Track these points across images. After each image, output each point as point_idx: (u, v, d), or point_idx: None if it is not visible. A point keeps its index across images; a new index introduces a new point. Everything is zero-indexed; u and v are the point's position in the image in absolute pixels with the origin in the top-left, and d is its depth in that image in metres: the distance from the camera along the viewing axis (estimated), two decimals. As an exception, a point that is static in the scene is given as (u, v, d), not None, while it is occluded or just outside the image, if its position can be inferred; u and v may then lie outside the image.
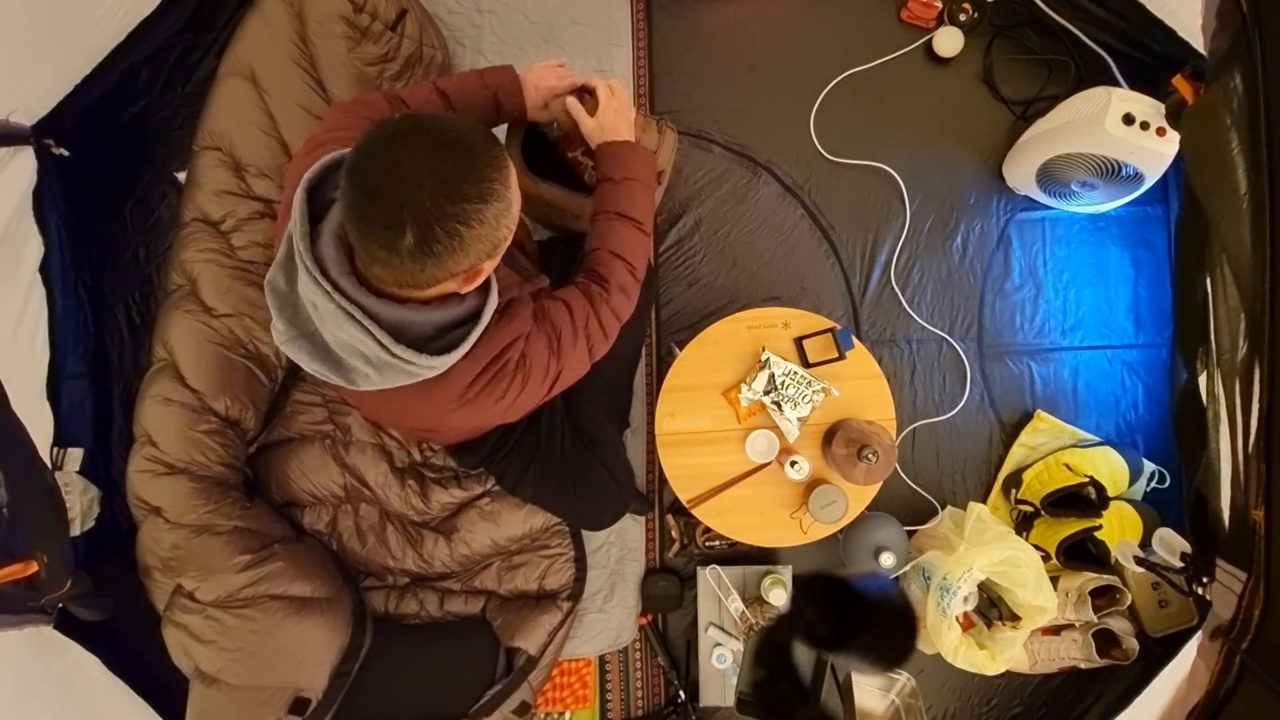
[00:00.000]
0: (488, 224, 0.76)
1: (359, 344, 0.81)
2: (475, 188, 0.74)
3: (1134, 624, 1.67)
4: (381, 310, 0.81)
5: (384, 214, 0.72)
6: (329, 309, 0.80)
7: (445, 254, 0.75)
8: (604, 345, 1.11)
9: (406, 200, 0.72)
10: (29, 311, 1.59)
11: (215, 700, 1.38)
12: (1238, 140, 0.89)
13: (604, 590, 1.74)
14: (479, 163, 0.75)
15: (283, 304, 0.86)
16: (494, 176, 0.76)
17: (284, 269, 0.86)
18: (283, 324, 0.86)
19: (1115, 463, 1.73)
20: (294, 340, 0.86)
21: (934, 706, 1.77)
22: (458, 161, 0.74)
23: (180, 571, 1.42)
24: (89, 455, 1.65)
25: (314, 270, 0.80)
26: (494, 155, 0.77)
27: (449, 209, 0.73)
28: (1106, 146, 1.55)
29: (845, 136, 1.88)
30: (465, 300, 0.90)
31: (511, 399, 0.99)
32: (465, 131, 0.76)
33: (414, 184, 0.71)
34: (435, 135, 0.74)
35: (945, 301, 1.87)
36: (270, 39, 1.59)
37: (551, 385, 1.05)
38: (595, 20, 1.85)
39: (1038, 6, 1.84)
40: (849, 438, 1.34)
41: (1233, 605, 0.94)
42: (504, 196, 0.78)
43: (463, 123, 0.77)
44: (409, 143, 0.73)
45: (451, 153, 0.73)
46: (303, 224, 0.82)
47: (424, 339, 0.86)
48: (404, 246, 0.73)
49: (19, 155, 1.56)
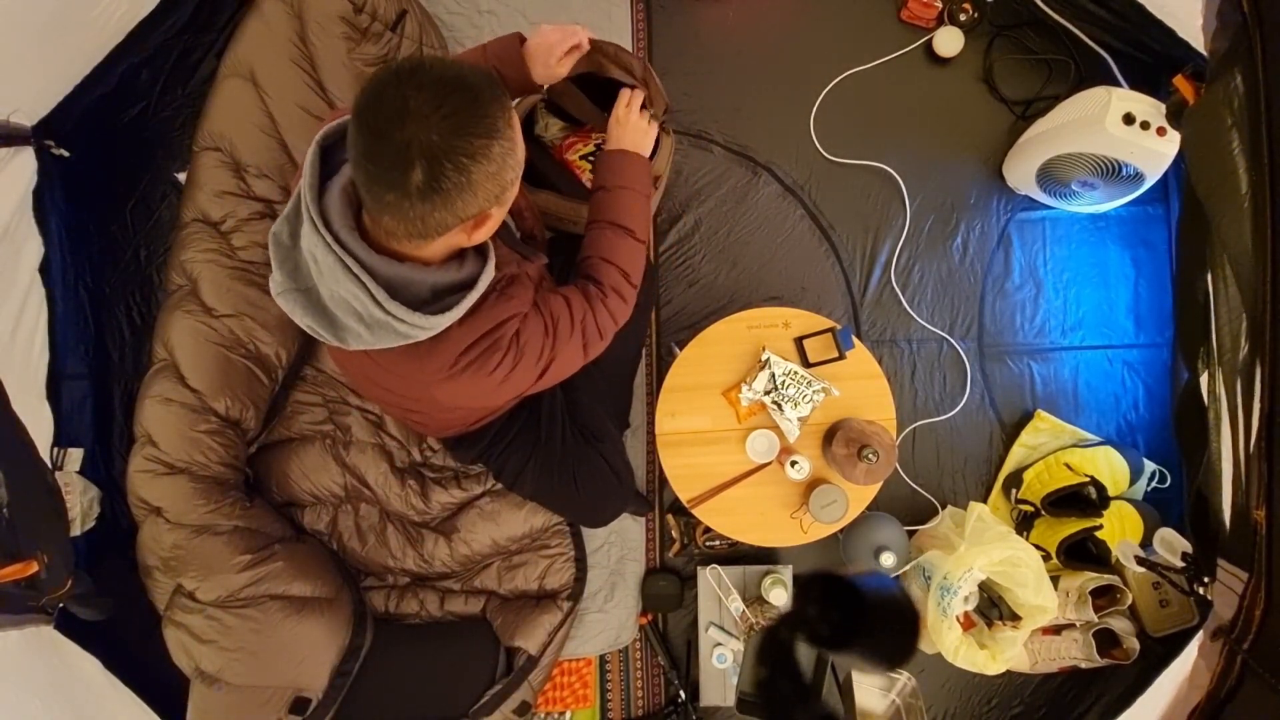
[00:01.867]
0: (494, 161, 0.77)
1: (354, 299, 0.82)
2: (481, 124, 0.75)
3: (1135, 624, 1.67)
4: (380, 266, 0.82)
5: (392, 152, 0.73)
6: (328, 261, 0.81)
7: (454, 192, 0.76)
8: (598, 346, 1.11)
9: (414, 137, 0.72)
10: (29, 312, 1.59)
11: (215, 700, 1.38)
12: (1238, 140, 0.88)
13: (604, 590, 1.74)
14: (483, 99, 0.75)
15: (284, 257, 0.87)
16: (498, 114, 0.77)
17: (289, 222, 0.86)
18: (281, 275, 0.86)
19: (1116, 462, 1.73)
20: (289, 293, 0.86)
21: (934, 706, 1.77)
22: (463, 98, 0.74)
23: (181, 571, 1.42)
24: (89, 455, 1.66)
25: (317, 221, 0.81)
26: (496, 94, 0.77)
27: (457, 143, 0.74)
28: (1107, 146, 1.55)
29: (845, 136, 1.88)
30: (465, 265, 0.90)
31: (501, 376, 0.98)
32: (467, 71, 0.77)
33: (421, 120, 0.72)
34: (439, 73, 0.74)
35: (945, 301, 1.87)
36: (270, 40, 1.59)
37: (542, 372, 1.04)
38: (595, 20, 1.85)
39: (1038, 6, 1.84)
40: (849, 437, 1.34)
41: (1234, 605, 0.93)
42: (508, 135, 0.78)
43: (464, 64, 0.78)
44: (413, 82, 0.73)
45: (456, 90, 0.74)
46: (312, 176, 0.83)
47: (420, 300, 0.86)
48: (413, 185, 0.74)
49: (19, 156, 1.56)
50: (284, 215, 0.87)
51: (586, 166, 1.48)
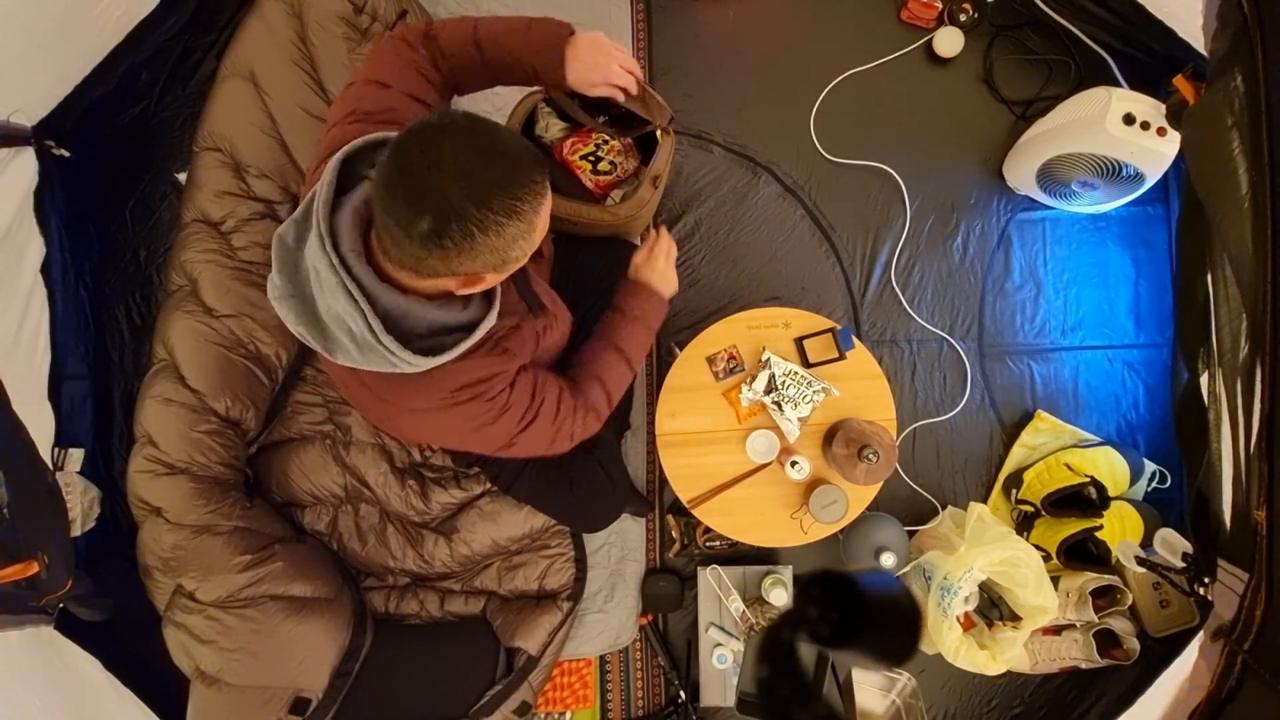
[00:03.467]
0: (504, 238, 0.76)
1: (349, 319, 0.81)
2: (504, 202, 0.74)
3: (1135, 624, 1.67)
4: (381, 294, 0.81)
5: (409, 193, 0.73)
6: (330, 280, 0.80)
7: (454, 251, 0.75)
8: (563, 445, 1.11)
9: (435, 188, 0.72)
10: (30, 312, 1.59)
11: (215, 700, 1.38)
12: (1239, 140, 0.88)
13: (604, 590, 1.74)
14: (517, 182, 0.75)
15: (285, 260, 0.86)
16: (527, 198, 0.76)
17: (296, 226, 0.86)
18: (281, 280, 0.85)
19: (1116, 463, 1.73)
20: (286, 299, 0.85)
21: (934, 706, 1.76)
22: (498, 172, 0.74)
23: (181, 572, 1.42)
24: (89, 456, 1.65)
25: (325, 238, 0.80)
26: (535, 180, 0.77)
27: (472, 211, 0.73)
28: (1107, 146, 1.55)
29: (845, 137, 1.88)
30: (468, 307, 0.89)
31: (482, 424, 0.98)
32: (518, 151, 0.76)
33: (447, 176, 0.72)
34: (488, 141, 0.74)
35: (946, 301, 1.87)
36: (270, 40, 1.59)
37: (510, 441, 1.03)
38: (595, 21, 1.85)
39: (1038, 6, 1.84)
40: (849, 438, 1.34)
41: (1234, 605, 0.93)
42: (529, 220, 0.78)
43: (520, 142, 0.78)
44: (459, 139, 0.73)
45: (495, 162, 0.74)
46: (328, 190, 0.82)
47: (414, 334, 0.86)
48: (417, 230, 0.74)
49: (20, 156, 1.56)
50: (292, 218, 0.86)
51: (587, 167, 1.48)
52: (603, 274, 1.39)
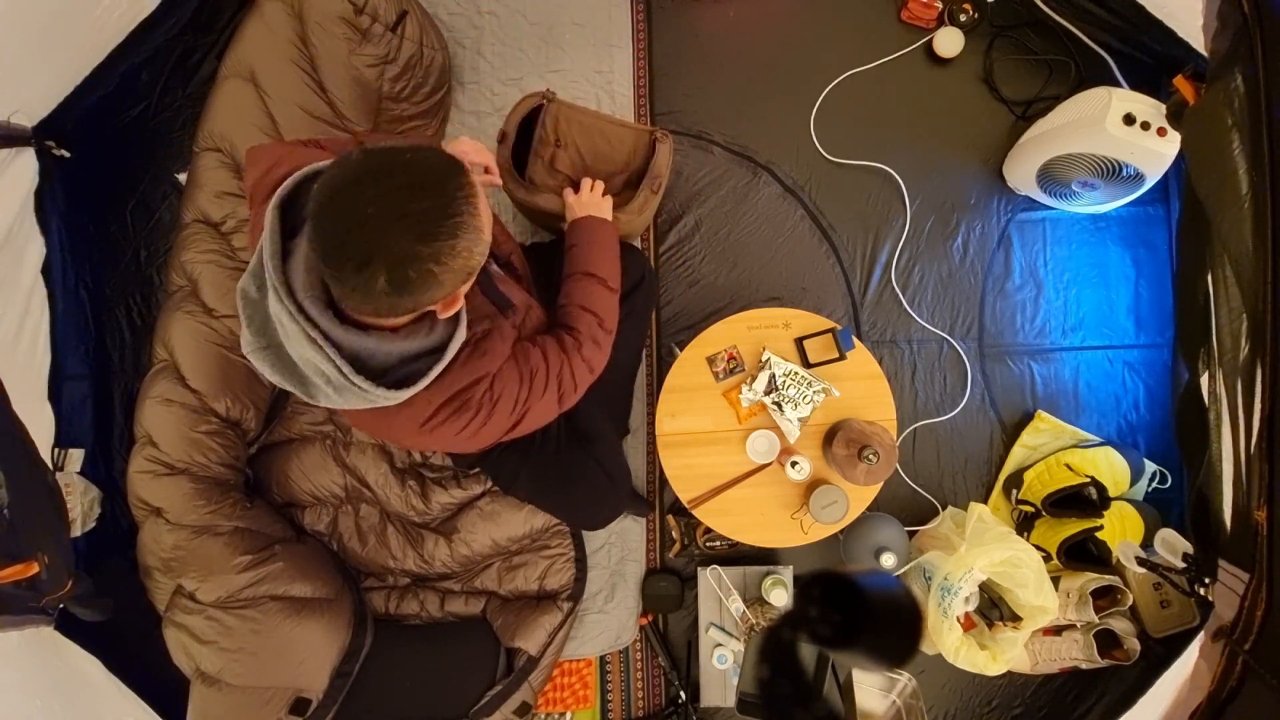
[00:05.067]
0: (460, 256, 0.75)
1: (320, 364, 0.81)
2: (445, 224, 0.72)
3: (1135, 624, 1.67)
4: (344, 339, 0.80)
5: (354, 258, 0.71)
6: (293, 329, 0.79)
7: (421, 289, 0.75)
8: (573, 397, 1.11)
9: (377, 247, 0.70)
10: (31, 313, 1.59)
11: (216, 701, 1.38)
12: (1239, 140, 0.88)
13: (604, 591, 1.74)
14: (448, 198, 0.73)
15: (253, 313, 0.85)
16: (464, 209, 0.74)
17: (255, 278, 0.85)
18: (250, 334, 0.85)
19: (1116, 463, 1.73)
20: (260, 351, 0.85)
21: (935, 707, 1.76)
22: (428, 200, 0.72)
23: (181, 572, 1.42)
24: (90, 456, 1.65)
25: (281, 291, 0.79)
26: (461, 186, 0.74)
27: (422, 250, 0.72)
28: (1107, 147, 1.55)
29: (846, 137, 1.88)
30: (434, 330, 0.88)
31: (473, 431, 0.98)
32: (432, 166, 0.74)
33: (383, 230, 0.70)
34: (399, 174, 0.71)
35: (946, 302, 1.87)
36: (270, 40, 1.59)
37: (515, 424, 1.04)
38: (595, 21, 1.85)
39: (1038, 7, 1.84)
40: (850, 438, 1.34)
41: (1235, 606, 0.93)
42: (474, 226, 0.76)
43: (427, 155, 0.74)
44: (374, 187, 0.70)
45: (421, 193, 0.71)
46: (273, 242, 0.80)
47: (385, 368, 0.85)
48: (378, 289, 0.73)
49: (20, 156, 1.56)
50: (250, 270, 0.85)
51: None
52: None
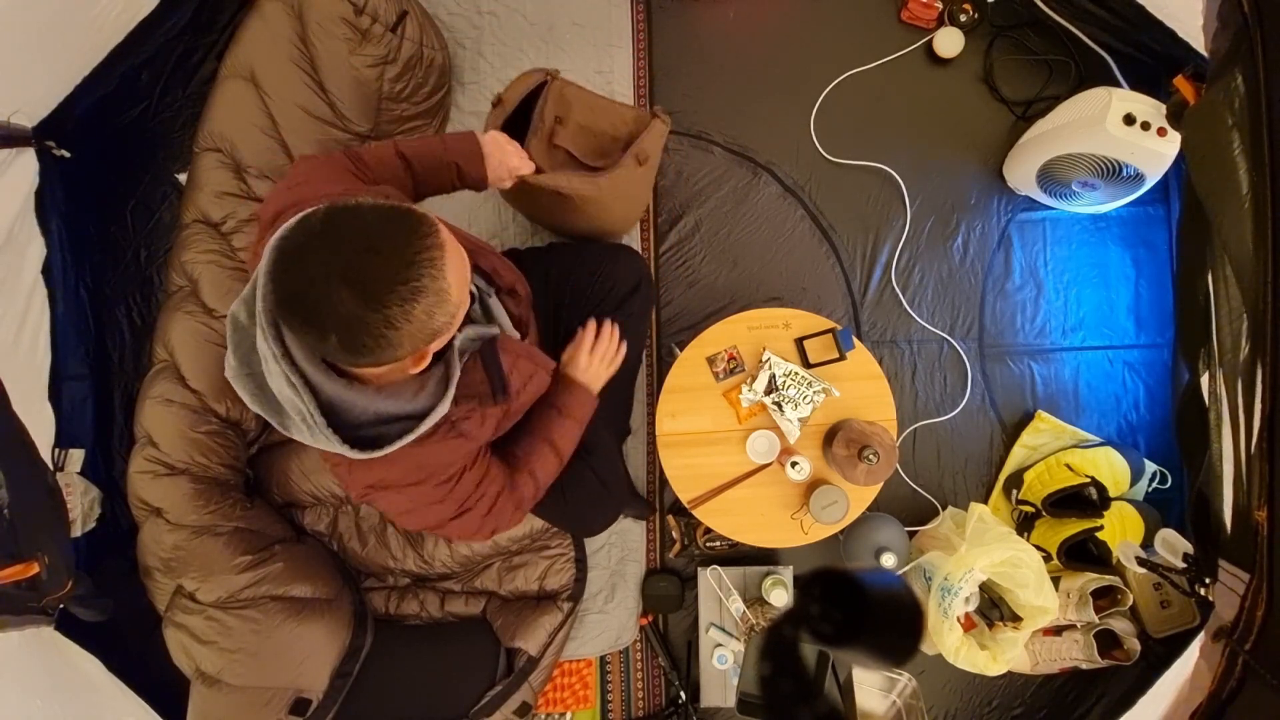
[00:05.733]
0: (416, 321, 0.73)
1: (298, 404, 0.81)
2: (398, 291, 0.70)
3: (1135, 624, 1.67)
4: (325, 385, 0.80)
5: (304, 318, 0.71)
6: (275, 369, 0.79)
7: (376, 351, 0.73)
8: (483, 537, 1.11)
9: (325, 310, 0.69)
10: (31, 313, 1.59)
11: (216, 701, 1.38)
12: (1239, 140, 0.88)
13: (605, 591, 1.74)
14: (403, 263, 0.71)
15: (240, 339, 0.85)
16: (421, 274, 0.71)
17: (247, 305, 0.84)
18: (235, 360, 0.84)
19: (1116, 463, 1.73)
20: (242, 377, 0.85)
21: (935, 707, 1.76)
22: (379, 265, 0.70)
23: (181, 572, 1.42)
24: (90, 456, 1.65)
25: (268, 331, 0.79)
26: (420, 250, 0.72)
27: (370, 316, 0.70)
28: (1107, 147, 1.55)
29: (846, 137, 1.88)
30: (419, 396, 0.86)
31: (412, 507, 0.98)
32: (388, 227, 0.71)
33: (330, 293, 0.68)
34: (355, 237, 0.70)
35: (946, 302, 1.87)
36: (270, 40, 1.59)
37: (440, 524, 1.03)
38: (595, 21, 1.85)
39: (1038, 7, 1.84)
40: (850, 438, 1.34)
41: (1235, 606, 0.93)
42: (434, 290, 0.73)
43: (387, 214, 0.72)
44: (326, 249, 0.69)
45: (372, 256, 0.69)
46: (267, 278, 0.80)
47: (360, 423, 0.84)
48: (330, 348, 0.72)
49: (21, 157, 1.56)
50: (242, 297, 0.84)
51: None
52: (597, 283, 1.39)
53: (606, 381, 1.29)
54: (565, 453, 1.21)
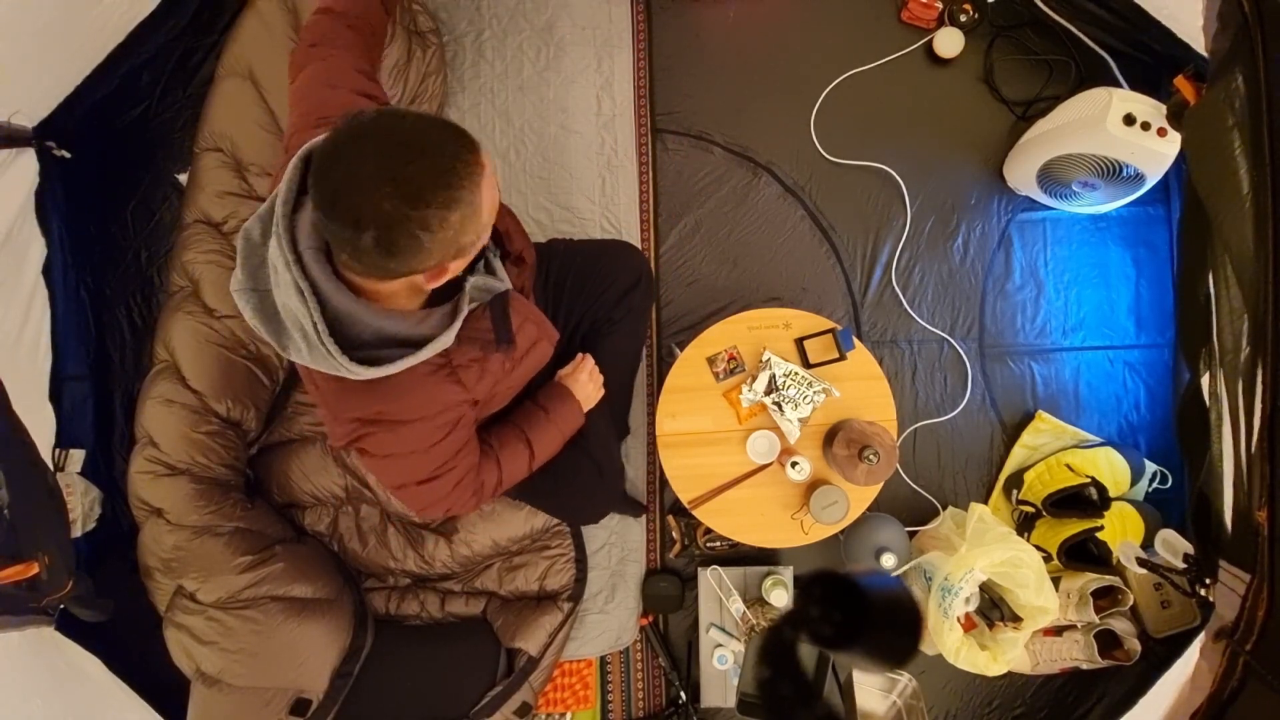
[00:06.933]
0: (450, 228, 0.76)
1: (302, 317, 0.81)
2: (439, 194, 0.73)
3: (1136, 625, 1.67)
4: (333, 295, 0.81)
5: (344, 214, 0.72)
6: (285, 277, 0.80)
7: (408, 254, 0.75)
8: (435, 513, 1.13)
9: (366, 206, 0.71)
10: (33, 313, 1.59)
11: (216, 701, 1.38)
12: (1240, 140, 0.88)
13: (605, 591, 1.73)
14: (445, 168, 0.73)
15: (250, 254, 0.85)
16: (461, 183, 0.74)
17: (261, 221, 0.85)
18: (243, 275, 0.85)
19: (1117, 463, 1.73)
20: (246, 292, 0.85)
21: (935, 707, 1.76)
22: (422, 166, 0.72)
23: (181, 573, 1.42)
24: (90, 456, 1.65)
25: (284, 237, 0.80)
26: (463, 159, 0.75)
27: (410, 213, 0.72)
28: (1107, 147, 1.55)
29: (846, 137, 1.88)
30: (424, 322, 0.87)
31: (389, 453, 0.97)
32: (438, 135, 0.74)
33: (373, 189, 0.71)
34: (399, 136, 0.73)
35: (946, 302, 1.87)
36: (268, 37, 1.59)
37: (403, 483, 1.03)
38: (595, 21, 1.85)
39: (1038, 7, 1.84)
40: (850, 438, 1.34)
41: (1236, 606, 0.93)
42: (471, 202, 0.76)
43: (434, 123, 0.75)
44: (373, 144, 0.72)
45: (417, 156, 0.72)
46: (288, 190, 0.82)
47: (361, 341, 0.84)
48: (364, 245, 0.74)
49: (22, 157, 1.56)
50: (258, 214, 0.86)
51: None
52: (597, 278, 1.38)
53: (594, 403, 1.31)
54: (538, 457, 1.21)
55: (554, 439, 1.24)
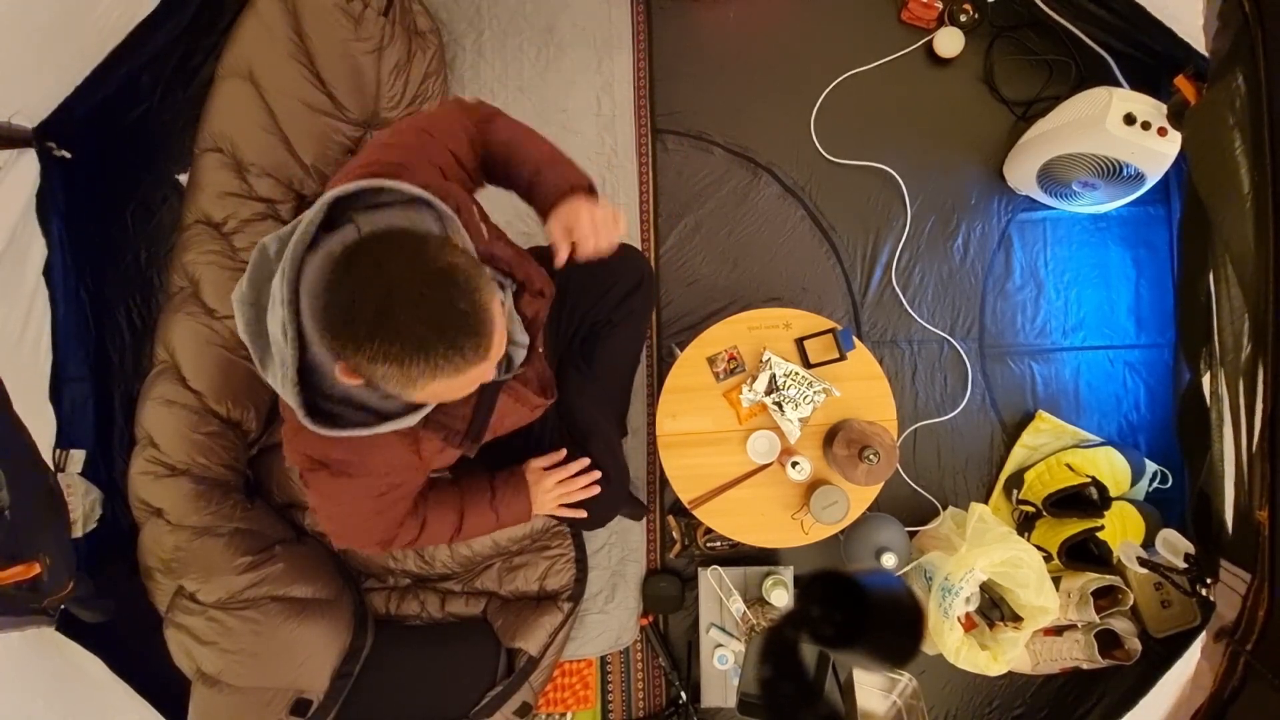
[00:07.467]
0: (433, 387, 0.76)
1: (281, 353, 0.81)
2: (448, 368, 0.75)
3: (1136, 624, 1.67)
4: (315, 344, 0.80)
5: (358, 336, 0.72)
6: (278, 312, 0.80)
7: (400, 389, 0.76)
8: (344, 544, 1.14)
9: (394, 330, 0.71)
10: (34, 314, 1.59)
11: (217, 701, 1.38)
12: (1240, 140, 0.88)
13: (605, 591, 1.73)
14: (455, 354, 0.74)
15: (260, 270, 0.85)
16: (468, 366, 0.76)
17: (279, 241, 0.84)
18: (247, 286, 0.85)
19: (1117, 463, 1.73)
20: (246, 305, 0.85)
21: (936, 707, 1.76)
22: (441, 349, 0.73)
23: (182, 573, 1.42)
24: (91, 457, 1.65)
25: (288, 274, 0.79)
26: (470, 354, 0.75)
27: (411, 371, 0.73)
28: (1107, 146, 1.55)
29: (846, 137, 1.88)
30: (389, 397, 0.85)
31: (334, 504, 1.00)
32: (450, 326, 0.73)
33: (405, 319, 0.71)
34: (414, 318, 0.72)
35: (946, 302, 1.87)
36: (267, 37, 1.59)
37: (332, 519, 1.06)
38: (595, 22, 1.85)
39: (1038, 7, 1.84)
40: (850, 438, 1.34)
41: (1236, 606, 0.93)
42: (468, 383, 0.78)
43: (455, 312, 0.74)
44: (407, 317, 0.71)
45: (436, 337, 0.72)
46: (308, 227, 0.81)
47: (329, 394, 0.84)
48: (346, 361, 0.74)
49: (23, 158, 1.56)
50: (279, 233, 0.84)
51: None
52: (599, 280, 1.37)
53: (545, 513, 1.29)
54: (463, 534, 1.21)
55: (487, 525, 1.23)
